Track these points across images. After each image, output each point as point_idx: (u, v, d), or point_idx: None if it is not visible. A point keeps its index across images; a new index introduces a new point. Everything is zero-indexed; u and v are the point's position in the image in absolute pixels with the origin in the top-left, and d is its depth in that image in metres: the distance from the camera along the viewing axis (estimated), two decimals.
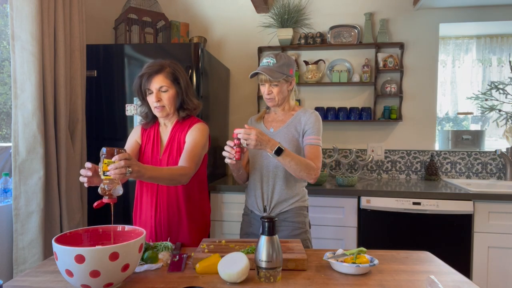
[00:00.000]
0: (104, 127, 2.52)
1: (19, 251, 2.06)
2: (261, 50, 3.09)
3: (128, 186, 2.45)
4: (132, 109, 2.46)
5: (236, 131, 1.47)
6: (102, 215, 2.52)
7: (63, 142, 2.25)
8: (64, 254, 0.99)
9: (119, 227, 1.22)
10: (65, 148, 2.27)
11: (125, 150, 1.24)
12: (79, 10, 2.41)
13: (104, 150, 1.22)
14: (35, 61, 2.03)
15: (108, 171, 1.20)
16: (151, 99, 1.60)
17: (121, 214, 2.49)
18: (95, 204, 1.24)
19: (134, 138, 1.71)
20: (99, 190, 1.23)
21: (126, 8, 2.84)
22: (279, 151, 1.48)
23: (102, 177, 1.21)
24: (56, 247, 1.00)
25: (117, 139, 2.48)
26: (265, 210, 1.71)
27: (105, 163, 1.20)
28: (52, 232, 2.20)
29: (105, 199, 1.24)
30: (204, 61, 2.48)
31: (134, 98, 2.46)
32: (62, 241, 1.08)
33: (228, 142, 1.48)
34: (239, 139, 1.46)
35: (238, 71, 3.21)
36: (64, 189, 2.25)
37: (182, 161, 1.53)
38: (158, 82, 1.57)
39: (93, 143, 2.52)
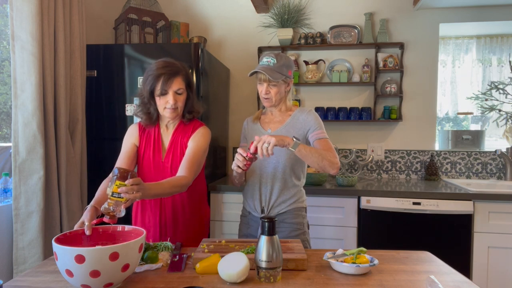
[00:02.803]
0: (104, 127, 2.52)
1: (19, 251, 2.06)
2: (261, 50, 3.08)
3: None
4: (132, 109, 2.46)
5: (252, 148, 1.44)
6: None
7: (63, 142, 2.25)
8: (64, 254, 0.99)
9: (119, 227, 1.22)
10: (65, 148, 2.27)
11: (136, 174, 1.24)
12: (79, 10, 2.41)
13: (116, 171, 1.20)
14: (35, 61, 2.03)
15: (118, 193, 1.19)
16: (165, 100, 1.55)
17: None
18: (94, 221, 1.22)
19: (131, 141, 1.66)
20: (102, 209, 1.21)
21: (126, 8, 2.84)
22: (296, 144, 1.46)
23: (110, 197, 1.20)
24: (56, 247, 1.00)
25: (117, 139, 2.47)
26: (263, 212, 1.70)
27: (116, 185, 1.19)
28: (52, 232, 2.20)
29: (106, 219, 1.22)
30: (204, 61, 2.48)
31: (134, 98, 2.46)
32: (62, 241, 1.08)
33: (240, 151, 1.47)
34: (252, 153, 1.44)
35: (238, 71, 3.21)
36: (64, 189, 2.25)
37: (182, 169, 1.53)
38: (176, 85, 1.55)
39: (93, 143, 2.52)
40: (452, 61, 3.26)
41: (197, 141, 1.61)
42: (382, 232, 2.41)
